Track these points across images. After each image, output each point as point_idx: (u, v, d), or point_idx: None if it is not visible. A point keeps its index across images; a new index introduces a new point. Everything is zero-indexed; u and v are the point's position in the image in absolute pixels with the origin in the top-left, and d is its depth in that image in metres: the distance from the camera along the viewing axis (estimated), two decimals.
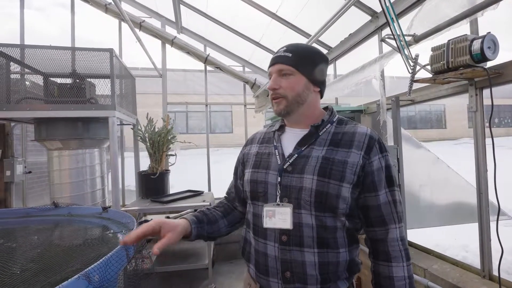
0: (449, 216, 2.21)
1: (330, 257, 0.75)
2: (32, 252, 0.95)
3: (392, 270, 0.75)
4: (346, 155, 0.77)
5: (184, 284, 2.76)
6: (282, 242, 0.76)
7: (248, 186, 0.85)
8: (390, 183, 0.79)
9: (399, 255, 0.76)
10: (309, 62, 0.82)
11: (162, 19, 3.61)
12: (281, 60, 0.82)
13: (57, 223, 1.51)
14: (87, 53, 2.27)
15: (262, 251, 0.79)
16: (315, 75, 0.83)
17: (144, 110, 3.20)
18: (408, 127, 16.09)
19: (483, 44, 1.20)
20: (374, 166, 0.77)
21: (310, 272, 0.74)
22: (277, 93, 0.82)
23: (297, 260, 0.74)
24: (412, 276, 0.77)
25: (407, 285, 0.75)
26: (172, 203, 2.61)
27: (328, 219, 0.75)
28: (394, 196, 0.79)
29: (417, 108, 16.11)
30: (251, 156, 0.91)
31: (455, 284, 1.42)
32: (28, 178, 3.16)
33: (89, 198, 2.51)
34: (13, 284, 0.68)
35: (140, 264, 1.30)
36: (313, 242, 0.74)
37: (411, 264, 0.78)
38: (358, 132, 0.80)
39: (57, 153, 2.41)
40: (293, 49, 0.82)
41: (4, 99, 2.08)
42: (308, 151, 0.80)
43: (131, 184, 3.68)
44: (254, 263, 0.82)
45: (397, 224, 0.78)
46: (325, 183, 0.74)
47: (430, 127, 16.28)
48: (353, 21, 2.32)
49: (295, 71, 0.81)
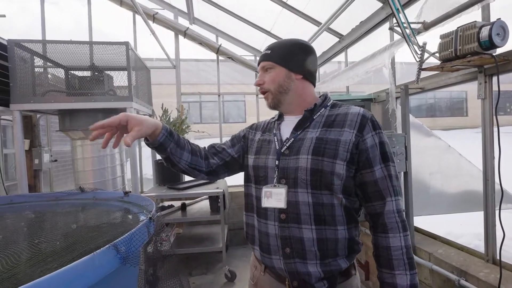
0: (461, 204, 2.22)
1: (328, 234, 0.79)
2: (66, 229, 1.08)
3: (389, 241, 0.79)
4: (339, 134, 0.81)
5: (200, 266, 2.92)
6: (281, 220, 0.81)
7: (252, 171, 0.92)
8: (385, 159, 0.81)
9: (396, 226, 0.79)
10: (286, 53, 0.88)
11: (175, 10, 3.67)
12: (263, 58, 0.90)
13: (84, 206, 1.65)
14: (104, 47, 2.37)
15: (264, 231, 0.85)
16: (294, 64, 0.88)
17: (159, 100, 3.31)
18: (426, 115, 15.59)
19: (491, 31, 1.20)
20: (368, 144, 0.80)
21: (309, 248, 0.78)
22: (262, 88, 0.90)
23: (296, 237, 0.79)
24: (410, 246, 0.80)
25: (404, 254, 0.78)
26: (187, 190, 2.74)
27: (325, 196, 0.79)
28: (390, 171, 0.81)
29: (436, 95, 15.55)
30: (254, 142, 0.97)
31: (458, 267, 1.46)
32: (54, 166, 3.38)
33: (110, 185, 2.68)
34: (55, 251, 0.80)
35: (160, 246, 1.42)
36: (310, 219, 0.79)
37: (408, 235, 0.81)
38: (350, 112, 0.84)
39: (80, 142, 2.57)
40: (273, 46, 0.90)
41: (31, 92, 2.22)
42: (304, 134, 0.85)
43: (148, 172, 3.85)
44: (258, 244, 0.88)
45: (393, 197, 0.80)
46: (319, 161, 0.79)
47: (451, 114, 15.69)
48: (364, 8, 2.29)
49: (274, 64, 0.87)
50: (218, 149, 1.01)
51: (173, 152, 0.89)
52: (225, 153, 1.00)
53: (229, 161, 1.00)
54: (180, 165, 0.93)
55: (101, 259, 0.73)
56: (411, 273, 0.78)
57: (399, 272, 0.78)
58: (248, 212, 0.94)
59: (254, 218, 0.91)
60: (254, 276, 0.94)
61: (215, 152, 1.00)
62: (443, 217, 2.34)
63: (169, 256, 1.57)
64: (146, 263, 1.32)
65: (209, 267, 2.90)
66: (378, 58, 1.96)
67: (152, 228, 1.01)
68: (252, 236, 0.91)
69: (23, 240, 0.96)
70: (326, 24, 2.27)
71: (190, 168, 0.95)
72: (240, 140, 1.02)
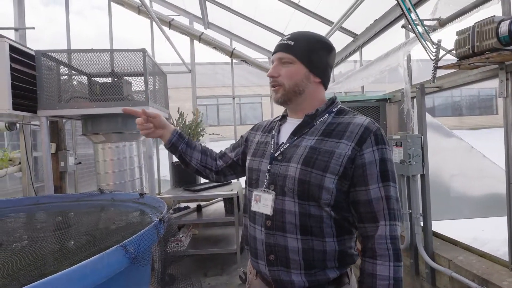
0: (486, 208, 2.10)
1: (315, 245, 0.74)
2: (83, 228, 1.14)
3: (376, 268, 0.71)
4: (335, 145, 0.75)
5: (216, 267, 2.96)
6: (266, 226, 0.79)
7: (247, 173, 0.91)
8: (385, 178, 0.73)
9: (386, 254, 0.71)
10: (310, 50, 0.80)
11: (190, 16, 3.76)
12: (282, 49, 0.81)
13: (102, 207, 1.73)
14: (123, 54, 2.48)
15: (253, 235, 0.84)
16: (316, 64, 0.81)
17: (176, 104, 3.40)
18: (452, 114, 14.86)
19: (511, 25, 1.13)
20: (366, 159, 0.73)
21: (293, 257, 0.75)
22: (275, 81, 0.82)
23: (280, 245, 0.76)
24: (400, 278, 0.71)
25: (391, 286, 0.69)
26: (202, 191, 2.80)
27: (312, 208, 0.74)
28: (389, 192, 0.73)
29: (463, 92, 14.78)
30: (253, 144, 0.95)
31: (479, 275, 1.39)
32: (79, 168, 3.56)
33: (129, 186, 2.79)
34: (68, 250, 0.85)
35: (174, 247, 1.46)
36: (296, 228, 0.75)
37: (401, 267, 0.72)
38: (353, 122, 0.77)
39: (101, 146, 2.70)
40: (296, 37, 0.81)
41: (56, 98, 2.36)
42: (300, 140, 0.81)
43: (167, 174, 3.96)
44: (249, 248, 0.87)
45: (388, 222, 0.72)
46: (308, 172, 0.74)
47: (479, 113, 14.86)
48: (378, 6, 2.24)
49: (295, 59, 0.80)
50: (223, 153, 1.08)
51: (184, 151, 1.00)
52: (227, 156, 1.06)
53: (231, 164, 1.04)
54: (192, 163, 1.02)
55: (110, 259, 0.76)
56: None
57: None
58: (245, 213, 0.93)
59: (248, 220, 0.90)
60: (249, 281, 0.93)
61: (221, 156, 1.08)
62: (468, 222, 2.22)
63: (181, 257, 1.61)
64: (159, 263, 1.37)
65: (224, 268, 2.93)
66: (393, 57, 1.91)
67: (162, 229, 1.05)
68: (246, 238, 0.90)
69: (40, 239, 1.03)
70: (338, 24, 2.23)
71: (202, 166, 1.03)
72: (242, 143, 1.03)
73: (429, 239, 1.79)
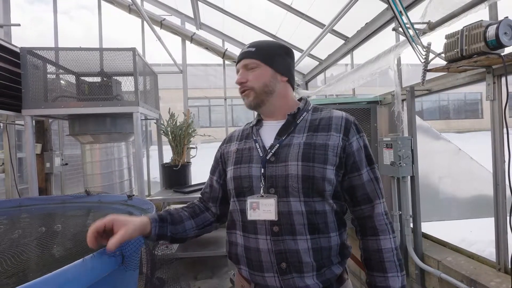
0: (473, 210, 2.14)
1: (323, 242, 0.76)
2: (68, 232, 1.10)
3: (381, 243, 0.78)
4: (326, 138, 0.79)
5: (206, 270, 2.92)
6: (274, 233, 0.75)
7: (232, 184, 0.84)
8: (370, 162, 0.81)
9: (385, 228, 0.78)
10: (272, 53, 0.85)
11: (182, 16, 3.73)
12: (245, 56, 0.85)
13: (89, 209, 1.68)
14: (112, 53, 2.43)
15: (254, 247, 0.78)
16: (280, 65, 0.85)
17: (167, 105, 3.36)
18: (440, 118, 15.20)
19: (498, 30, 1.15)
20: (354, 147, 0.79)
21: (306, 260, 0.74)
22: (244, 86, 0.84)
23: (292, 249, 0.74)
24: (398, 247, 0.80)
25: (395, 255, 0.77)
26: (193, 193, 2.75)
27: (317, 203, 0.76)
28: (375, 173, 0.81)
29: (450, 96, 15.14)
30: (231, 153, 0.90)
31: (468, 276, 1.40)
32: (66, 169, 3.47)
33: (117, 188, 2.72)
34: (51, 255, 0.81)
35: (163, 250, 1.43)
36: (305, 229, 0.75)
37: (396, 237, 0.81)
38: (334, 116, 0.83)
39: (89, 147, 2.63)
40: (257, 44, 0.86)
41: (42, 97, 2.29)
42: (289, 139, 0.81)
43: (157, 176, 3.90)
44: (246, 263, 0.80)
45: (381, 200, 0.80)
46: (310, 167, 0.75)
47: (465, 117, 15.25)
48: (369, 9, 2.26)
49: (260, 63, 0.83)
50: (207, 191, 0.98)
51: (174, 232, 0.86)
52: (214, 189, 0.96)
53: (222, 193, 0.95)
54: (190, 235, 0.90)
55: (94, 263, 0.73)
56: (402, 275, 0.77)
57: (392, 274, 0.76)
58: (230, 229, 0.87)
59: (237, 235, 0.84)
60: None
61: (208, 197, 0.98)
62: (456, 223, 2.25)
63: (170, 260, 1.57)
64: (147, 267, 1.33)
65: (215, 271, 2.89)
66: (384, 60, 1.92)
67: None
68: (235, 255, 0.83)
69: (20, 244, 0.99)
70: (329, 26, 2.25)
71: (201, 230, 0.93)
72: (218, 161, 0.96)
73: (418, 241, 1.80)
